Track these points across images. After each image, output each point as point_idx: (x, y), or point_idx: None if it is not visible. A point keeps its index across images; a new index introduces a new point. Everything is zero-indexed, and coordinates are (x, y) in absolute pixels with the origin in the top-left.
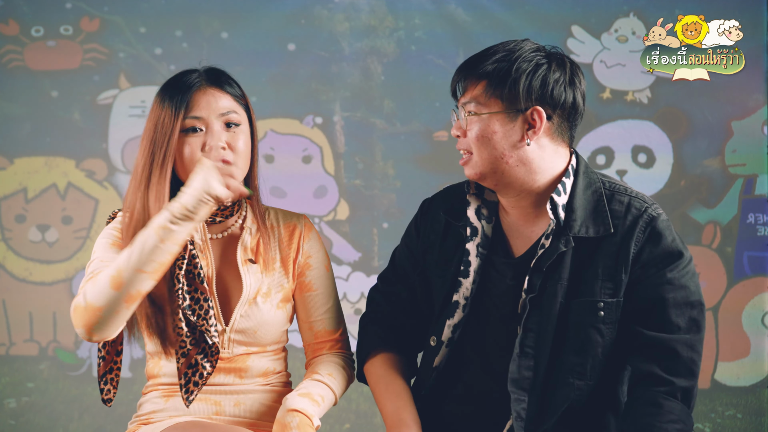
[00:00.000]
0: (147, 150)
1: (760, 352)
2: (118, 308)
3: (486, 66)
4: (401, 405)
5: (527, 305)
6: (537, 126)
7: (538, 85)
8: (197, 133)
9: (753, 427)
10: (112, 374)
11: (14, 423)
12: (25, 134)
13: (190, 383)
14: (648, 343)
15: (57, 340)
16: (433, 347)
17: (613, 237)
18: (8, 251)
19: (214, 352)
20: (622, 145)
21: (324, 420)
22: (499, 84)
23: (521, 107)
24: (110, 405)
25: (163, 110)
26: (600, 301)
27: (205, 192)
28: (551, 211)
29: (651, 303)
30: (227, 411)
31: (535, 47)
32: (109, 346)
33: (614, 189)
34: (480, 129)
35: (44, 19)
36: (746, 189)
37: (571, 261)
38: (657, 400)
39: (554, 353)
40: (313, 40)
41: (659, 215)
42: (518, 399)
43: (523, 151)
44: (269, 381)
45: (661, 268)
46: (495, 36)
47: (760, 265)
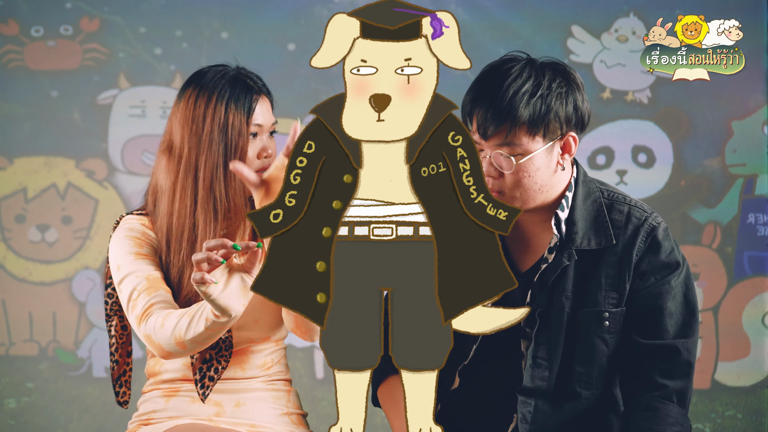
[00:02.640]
0: (215, 150)
1: (760, 352)
2: (185, 354)
3: (520, 109)
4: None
5: (537, 319)
6: (572, 150)
7: (571, 112)
8: (254, 138)
9: (753, 427)
10: (126, 376)
11: (14, 423)
12: (25, 134)
13: (205, 378)
14: (643, 350)
15: (57, 340)
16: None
17: (615, 247)
18: (8, 251)
19: (227, 346)
20: (622, 145)
21: (324, 420)
22: (540, 124)
23: (560, 136)
24: (126, 407)
25: (230, 112)
26: (605, 311)
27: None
28: (555, 227)
29: (648, 311)
30: (228, 412)
31: (552, 69)
32: (121, 349)
33: (613, 198)
34: (527, 170)
35: (44, 19)
36: (746, 189)
37: (575, 273)
38: (653, 404)
39: (564, 364)
40: (313, 40)
41: (659, 224)
42: (525, 402)
43: (555, 176)
44: (269, 377)
45: (659, 278)
46: (495, 36)
47: (760, 265)
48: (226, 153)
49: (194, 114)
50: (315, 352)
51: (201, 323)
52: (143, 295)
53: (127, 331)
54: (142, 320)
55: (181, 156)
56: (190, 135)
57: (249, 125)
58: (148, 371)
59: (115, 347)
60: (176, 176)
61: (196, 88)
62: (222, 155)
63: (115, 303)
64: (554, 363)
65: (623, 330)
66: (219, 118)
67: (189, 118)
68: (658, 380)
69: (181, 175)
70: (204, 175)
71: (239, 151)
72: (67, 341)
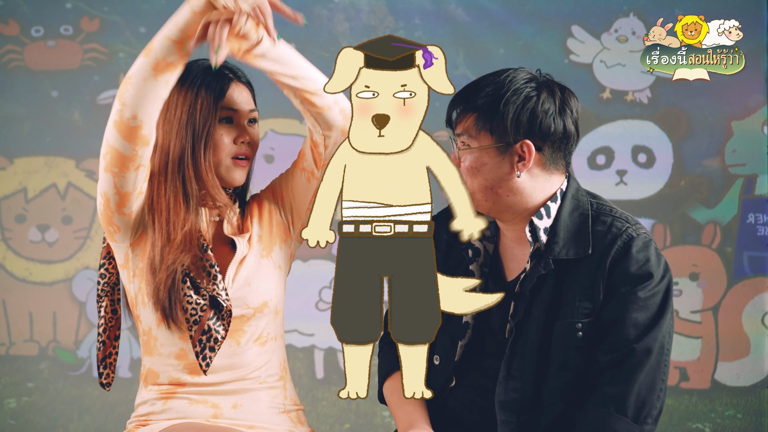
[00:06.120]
0: (182, 134)
1: (760, 352)
2: (146, 74)
3: (477, 99)
4: (412, 410)
5: (513, 329)
6: (527, 159)
7: (526, 119)
8: (230, 125)
9: (753, 427)
10: (111, 359)
11: (14, 423)
12: (25, 134)
13: (205, 349)
14: (599, 366)
15: (57, 340)
16: (439, 366)
17: (592, 257)
18: (8, 251)
19: (225, 315)
20: (622, 145)
21: (324, 420)
22: (489, 118)
23: (510, 141)
24: (109, 389)
25: (199, 97)
26: (578, 322)
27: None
28: (530, 234)
29: (612, 323)
30: (225, 414)
31: (527, 77)
32: (109, 331)
33: (600, 210)
34: (471, 161)
35: (44, 19)
36: (746, 189)
37: (553, 283)
38: (589, 414)
39: (539, 375)
40: (313, 40)
41: (639, 236)
42: (506, 421)
43: (513, 182)
44: (266, 370)
45: (628, 289)
46: (495, 36)
47: (760, 265)
48: (193, 138)
49: (168, 101)
50: (315, 352)
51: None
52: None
53: (117, 315)
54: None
55: (157, 143)
56: (164, 122)
57: (217, 109)
58: (144, 375)
59: (103, 328)
60: (154, 163)
61: (179, 78)
62: (189, 140)
63: (107, 284)
64: (528, 374)
65: (590, 343)
66: (188, 104)
67: (166, 106)
68: (601, 388)
69: (156, 161)
70: (172, 159)
71: (205, 137)
72: (67, 341)
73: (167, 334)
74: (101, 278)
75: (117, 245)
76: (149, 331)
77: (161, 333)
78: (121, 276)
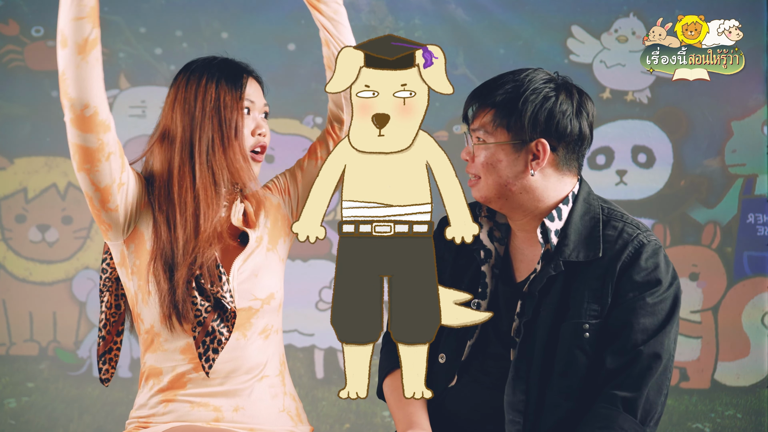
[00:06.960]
0: (209, 124)
1: (760, 352)
2: (74, 61)
3: (496, 96)
4: (412, 411)
5: (521, 329)
6: (541, 158)
7: (543, 118)
8: (248, 116)
9: (753, 427)
10: (111, 354)
11: (14, 423)
12: (25, 134)
13: (209, 351)
14: (608, 370)
15: (57, 340)
16: (444, 365)
17: (602, 260)
18: (8, 251)
19: (230, 317)
20: (622, 145)
21: (324, 420)
22: (506, 115)
23: (526, 138)
24: (107, 384)
25: (221, 89)
26: (585, 323)
27: None
28: (541, 235)
29: (619, 327)
30: (227, 417)
31: (546, 78)
32: (110, 326)
33: (611, 215)
34: (486, 157)
35: (44, 19)
36: (746, 189)
37: (562, 285)
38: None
39: (545, 376)
40: (313, 40)
41: (649, 242)
42: (513, 421)
43: (527, 180)
44: (267, 368)
45: (636, 294)
46: (495, 36)
47: (760, 265)
48: (221, 128)
49: (186, 96)
50: (315, 353)
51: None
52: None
53: (120, 310)
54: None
55: (175, 137)
56: (183, 115)
57: (242, 100)
58: (145, 374)
59: (104, 323)
60: (171, 157)
61: (186, 74)
62: (217, 130)
63: (108, 279)
64: (534, 374)
65: (597, 346)
66: (210, 96)
67: (181, 100)
68: (608, 391)
69: (177, 154)
70: (200, 150)
71: (233, 126)
72: (67, 341)
73: (171, 331)
74: (103, 273)
75: (112, 243)
76: (151, 329)
77: (165, 329)
78: (120, 274)
